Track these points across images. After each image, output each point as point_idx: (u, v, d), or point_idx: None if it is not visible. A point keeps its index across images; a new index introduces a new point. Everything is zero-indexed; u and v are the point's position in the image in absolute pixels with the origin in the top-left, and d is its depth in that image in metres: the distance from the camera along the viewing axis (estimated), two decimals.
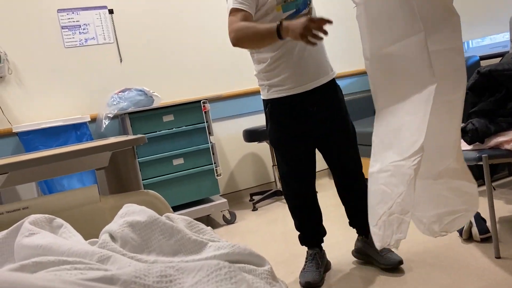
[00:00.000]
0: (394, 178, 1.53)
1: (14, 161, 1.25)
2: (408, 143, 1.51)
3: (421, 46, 1.48)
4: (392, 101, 1.64)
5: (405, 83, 1.57)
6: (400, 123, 1.59)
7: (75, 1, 3.32)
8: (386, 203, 1.53)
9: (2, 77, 3.14)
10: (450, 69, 1.55)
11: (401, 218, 1.48)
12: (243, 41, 1.79)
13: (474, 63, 3.15)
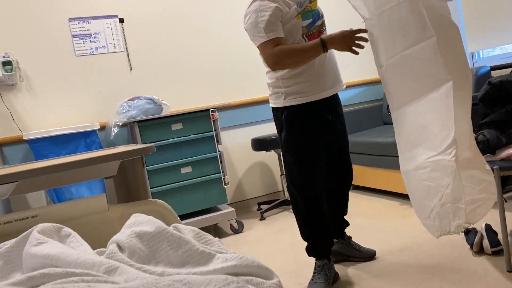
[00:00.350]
0: (436, 172, 1.65)
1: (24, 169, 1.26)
2: (440, 138, 1.65)
3: (434, 49, 1.63)
4: (410, 101, 1.77)
5: (421, 83, 1.70)
6: (425, 120, 1.71)
7: (86, 10, 3.36)
8: (435, 195, 1.66)
9: (14, 85, 3.18)
10: (456, 68, 1.66)
11: (455, 206, 1.62)
12: (286, 62, 1.92)
13: (485, 73, 3.13)
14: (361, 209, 3.26)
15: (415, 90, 1.74)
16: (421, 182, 1.73)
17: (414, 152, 1.77)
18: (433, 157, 1.67)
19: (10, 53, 3.15)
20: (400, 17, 1.72)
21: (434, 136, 1.68)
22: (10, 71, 3.11)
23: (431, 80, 1.68)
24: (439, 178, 1.66)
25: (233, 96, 3.77)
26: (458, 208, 1.63)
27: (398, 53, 1.75)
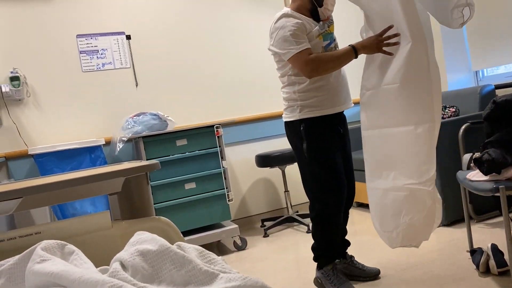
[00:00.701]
0: (413, 198, 1.95)
1: (29, 185, 1.27)
2: (421, 170, 1.94)
3: (427, 92, 1.94)
4: (388, 127, 2.03)
5: (405, 116, 1.95)
6: (404, 149, 1.98)
7: (94, 27, 3.41)
8: (406, 215, 1.96)
9: (21, 100, 3.21)
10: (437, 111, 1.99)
11: (424, 227, 1.97)
12: (322, 68, 2.03)
13: (489, 91, 3.14)
14: (365, 227, 3.23)
15: (397, 120, 1.98)
16: (394, 202, 2.01)
17: (387, 174, 2.04)
18: (411, 185, 1.96)
19: (18, 69, 3.19)
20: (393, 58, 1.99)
21: (414, 167, 1.96)
22: (18, 86, 3.14)
23: (415, 117, 1.93)
24: (414, 203, 1.96)
25: (238, 112, 3.79)
26: (425, 230, 2.01)
27: (390, 84, 1.99)
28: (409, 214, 1.98)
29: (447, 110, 3.14)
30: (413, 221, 1.98)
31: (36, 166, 3.04)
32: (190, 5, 3.67)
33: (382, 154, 2.08)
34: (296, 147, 2.21)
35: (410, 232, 2.01)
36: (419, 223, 1.99)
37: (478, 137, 2.88)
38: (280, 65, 2.16)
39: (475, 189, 2.10)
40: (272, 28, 2.10)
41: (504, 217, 2.01)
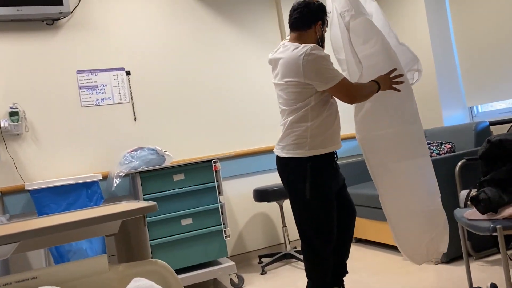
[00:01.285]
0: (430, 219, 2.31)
1: (25, 229, 1.26)
2: (430, 195, 2.32)
3: (419, 136, 2.30)
4: (392, 163, 2.31)
5: (405, 152, 2.29)
6: (412, 179, 2.30)
7: (94, 63, 3.46)
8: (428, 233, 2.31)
9: (19, 135, 3.22)
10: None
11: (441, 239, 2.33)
12: (362, 95, 2.14)
13: (484, 128, 3.18)
14: (364, 264, 3.20)
15: (401, 155, 2.30)
16: (415, 225, 2.32)
17: (403, 203, 2.33)
18: (427, 208, 2.31)
19: (18, 104, 3.22)
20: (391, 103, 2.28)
21: (424, 193, 2.32)
22: (17, 121, 3.16)
23: (415, 152, 2.29)
24: (432, 223, 2.33)
25: (235, 146, 3.81)
26: (444, 240, 2.35)
27: (388, 128, 2.29)
28: (430, 232, 2.32)
29: (443, 146, 3.17)
30: (433, 236, 2.31)
31: (32, 201, 3.02)
32: (188, 42, 3.75)
33: (396, 187, 2.34)
34: (293, 185, 2.17)
35: (432, 247, 2.33)
36: (437, 237, 2.33)
37: (474, 173, 2.89)
38: (300, 99, 2.10)
39: (473, 228, 2.10)
40: (300, 60, 2.04)
41: (502, 257, 2.00)
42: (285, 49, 2.16)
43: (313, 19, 2.18)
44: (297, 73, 2.06)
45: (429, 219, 2.31)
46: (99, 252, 3.07)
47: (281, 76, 2.14)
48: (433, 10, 3.84)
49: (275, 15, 4.06)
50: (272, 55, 2.27)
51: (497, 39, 3.46)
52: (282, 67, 2.12)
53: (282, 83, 2.13)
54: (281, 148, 2.19)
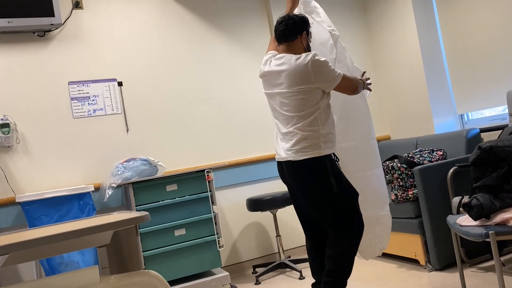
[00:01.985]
0: (380, 223, 2.60)
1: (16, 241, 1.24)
2: (380, 203, 2.59)
3: (374, 148, 2.63)
4: (354, 173, 2.55)
5: (364, 163, 2.58)
6: (368, 188, 2.56)
7: (86, 74, 3.45)
8: (377, 235, 2.60)
9: (10, 147, 3.20)
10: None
11: (385, 240, 2.62)
12: (359, 89, 2.39)
13: (474, 135, 3.21)
14: (359, 272, 3.19)
15: (361, 166, 2.58)
16: (369, 227, 2.52)
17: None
18: (378, 213, 2.58)
19: (9, 116, 3.20)
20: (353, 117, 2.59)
21: (376, 200, 2.58)
22: (7, 133, 3.14)
23: (372, 163, 2.60)
24: (381, 226, 2.59)
25: (228, 156, 3.81)
26: (386, 240, 2.61)
27: (352, 141, 2.57)
28: (377, 234, 2.58)
29: (435, 153, 3.19)
30: (381, 238, 2.59)
31: (23, 214, 2.99)
32: (180, 52, 3.76)
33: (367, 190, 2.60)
34: (317, 183, 2.21)
35: (378, 246, 2.60)
36: (382, 238, 2.60)
37: (466, 180, 2.91)
38: (310, 104, 2.22)
39: (466, 234, 2.11)
40: (309, 67, 2.18)
41: (495, 263, 2.01)
42: (285, 61, 2.26)
43: (298, 30, 2.34)
44: (308, 80, 2.20)
45: (379, 223, 2.58)
46: (91, 264, 3.04)
47: (287, 85, 2.24)
48: (423, 19, 3.90)
49: (266, 26, 4.09)
50: (268, 67, 2.34)
51: (486, 47, 3.51)
52: (288, 77, 2.23)
53: (290, 91, 2.23)
54: (295, 152, 2.23)
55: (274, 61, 2.32)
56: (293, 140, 2.24)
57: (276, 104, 2.32)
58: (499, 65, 3.43)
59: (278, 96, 2.30)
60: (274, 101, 2.33)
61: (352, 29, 4.35)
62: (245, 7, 4.02)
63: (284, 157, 2.27)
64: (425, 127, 3.91)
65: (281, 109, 2.29)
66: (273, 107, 2.35)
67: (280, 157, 2.32)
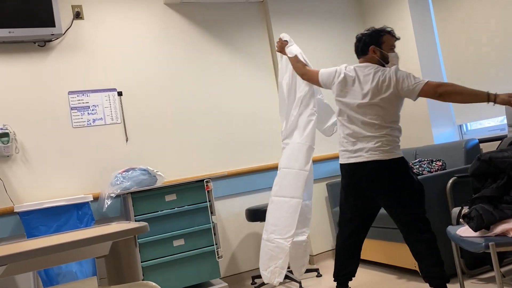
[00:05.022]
0: (277, 249, 2.86)
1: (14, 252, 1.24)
2: (285, 230, 2.85)
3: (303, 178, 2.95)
4: (276, 196, 3.00)
5: (285, 191, 2.95)
6: (282, 213, 2.90)
7: (86, 84, 3.46)
8: (273, 260, 2.86)
9: (9, 156, 3.19)
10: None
11: (281, 271, 2.83)
12: (452, 94, 2.40)
13: (473, 145, 3.21)
14: (358, 283, 3.17)
15: (282, 192, 2.95)
16: (268, 250, 2.90)
17: (269, 229, 2.94)
18: (278, 239, 2.86)
19: (8, 125, 3.20)
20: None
21: (283, 227, 2.86)
22: (7, 143, 3.14)
23: (291, 192, 2.90)
24: (277, 252, 2.85)
25: (227, 166, 3.80)
26: (281, 272, 2.83)
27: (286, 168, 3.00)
28: (275, 260, 2.85)
29: (434, 164, 3.19)
30: (276, 265, 2.83)
31: (22, 224, 2.97)
32: (180, 62, 3.78)
33: (271, 215, 2.96)
34: (402, 179, 2.48)
35: (274, 273, 2.84)
36: (279, 267, 2.82)
37: (465, 190, 2.91)
38: (396, 111, 2.51)
39: (466, 245, 2.10)
40: (390, 77, 2.46)
41: (496, 274, 2.00)
42: (374, 71, 2.52)
43: (368, 45, 2.60)
44: (387, 90, 2.48)
45: (276, 249, 2.87)
46: (89, 274, 3.02)
47: (377, 94, 2.47)
48: (421, 29, 3.92)
49: (266, 36, 4.11)
50: (355, 74, 2.59)
51: (484, 58, 3.53)
52: (379, 86, 2.47)
53: (379, 101, 2.47)
54: (381, 152, 2.46)
55: (362, 71, 2.59)
56: (379, 143, 2.48)
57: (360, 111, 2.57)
58: (498, 76, 3.45)
59: (363, 106, 2.56)
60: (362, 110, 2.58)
61: (351, 40, 4.37)
62: (244, 18, 4.05)
63: (369, 156, 2.48)
64: (424, 138, 3.91)
65: (365, 117, 2.53)
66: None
67: (358, 158, 2.52)
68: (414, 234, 2.50)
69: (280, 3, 4.12)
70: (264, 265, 2.90)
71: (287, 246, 2.80)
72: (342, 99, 2.59)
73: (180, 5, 3.83)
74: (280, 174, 2.99)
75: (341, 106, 2.60)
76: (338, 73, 2.65)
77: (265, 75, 4.06)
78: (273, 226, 2.89)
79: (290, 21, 4.13)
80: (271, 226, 2.91)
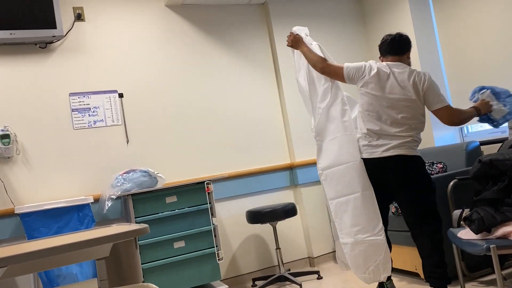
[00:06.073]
0: (372, 247, 2.59)
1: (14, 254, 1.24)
2: (372, 225, 2.58)
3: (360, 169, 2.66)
4: (344, 195, 2.67)
5: (352, 187, 2.63)
6: (359, 211, 2.61)
7: (87, 86, 3.47)
8: (371, 259, 2.61)
9: (10, 158, 3.20)
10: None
11: (385, 265, 2.59)
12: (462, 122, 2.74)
13: (474, 148, 3.21)
14: (359, 286, 3.17)
15: (349, 189, 2.64)
16: (361, 252, 2.62)
17: (351, 231, 2.64)
18: (369, 237, 2.59)
19: (9, 126, 3.20)
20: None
21: (367, 223, 2.58)
22: (8, 144, 3.14)
23: (359, 186, 2.61)
24: (374, 251, 2.59)
25: (228, 168, 3.80)
26: (386, 267, 2.59)
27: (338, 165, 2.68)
28: (373, 258, 2.61)
29: (435, 166, 3.19)
30: (377, 262, 2.60)
31: (22, 225, 2.97)
32: (181, 64, 3.78)
33: (346, 217, 2.67)
34: (422, 175, 2.58)
35: (377, 271, 2.61)
36: (381, 263, 2.59)
37: (466, 193, 2.90)
38: (420, 110, 2.61)
39: (467, 248, 2.10)
40: (424, 80, 2.57)
41: (497, 276, 1.99)
42: (409, 70, 2.59)
43: (408, 47, 2.74)
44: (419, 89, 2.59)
45: (371, 248, 2.60)
46: (89, 276, 3.01)
47: (413, 92, 2.56)
48: (422, 32, 3.92)
49: (267, 38, 4.11)
50: (392, 70, 2.61)
51: (486, 59, 3.53)
52: (415, 85, 2.56)
53: (414, 99, 2.56)
54: (406, 148, 2.54)
55: (399, 69, 2.63)
56: (405, 139, 2.55)
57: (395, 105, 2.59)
58: (499, 78, 3.45)
59: (398, 101, 2.59)
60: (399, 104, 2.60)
61: (352, 42, 4.38)
62: (245, 20, 4.05)
63: (392, 152, 2.54)
64: (425, 140, 3.91)
65: (398, 114, 2.57)
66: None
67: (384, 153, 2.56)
68: (424, 230, 2.53)
69: (281, 5, 4.12)
70: (361, 269, 2.64)
71: (382, 240, 2.55)
72: (376, 93, 2.55)
73: (181, 7, 3.84)
74: (337, 172, 2.67)
75: (373, 100, 2.56)
76: (369, 67, 2.62)
77: (266, 77, 4.06)
78: (355, 227, 2.60)
79: (291, 23, 4.14)
80: (351, 227, 2.62)
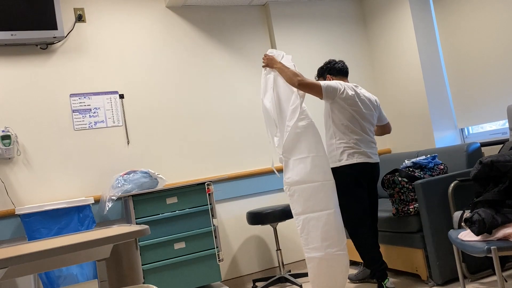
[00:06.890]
0: (339, 260, 2.81)
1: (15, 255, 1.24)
2: (340, 240, 2.80)
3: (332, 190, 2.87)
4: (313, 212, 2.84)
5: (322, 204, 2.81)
6: (327, 226, 2.82)
7: (87, 87, 3.47)
8: (336, 273, 2.83)
9: (10, 159, 3.20)
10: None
11: (345, 277, 2.84)
12: None
13: (475, 149, 3.20)
14: (359, 286, 3.16)
15: (319, 206, 2.80)
16: (328, 267, 2.78)
17: (320, 245, 2.78)
18: (337, 252, 2.77)
19: (10, 127, 3.21)
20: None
21: (337, 239, 2.77)
22: (8, 145, 3.14)
23: (330, 204, 2.80)
24: (340, 264, 2.78)
25: (228, 169, 3.80)
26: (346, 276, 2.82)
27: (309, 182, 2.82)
28: (338, 271, 2.79)
29: (436, 168, 3.18)
30: (342, 274, 2.81)
31: (23, 226, 2.97)
32: (182, 66, 3.79)
33: (315, 232, 2.80)
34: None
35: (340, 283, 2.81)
36: (343, 275, 2.80)
37: (467, 194, 2.90)
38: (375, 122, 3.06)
39: (468, 249, 2.10)
40: (376, 100, 3.09)
41: (498, 278, 1.99)
42: (364, 90, 3.04)
43: None
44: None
45: (339, 261, 2.80)
46: (90, 277, 3.01)
47: (375, 108, 3.03)
48: (423, 33, 3.92)
49: (267, 39, 4.12)
50: (359, 91, 2.98)
51: (486, 61, 3.53)
52: (371, 102, 3.01)
53: (375, 114, 3.03)
54: (377, 156, 2.99)
55: (361, 89, 3.01)
56: (375, 146, 3.00)
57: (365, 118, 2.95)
58: (499, 79, 3.45)
59: (367, 116, 2.95)
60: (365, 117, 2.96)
61: (353, 43, 4.38)
62: (246, 21, 4.05)
63: (374, 158, 2.95)
64: (426, 141, 3.91)
65: (369, 124, 2.96)
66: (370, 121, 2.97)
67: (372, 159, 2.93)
68: (376, 224, 3.07)
69: (282, 6, 4.13)
70: (324, 284, 2.82)
71: (346, 254, 2.81)
72: (357, 108, 2.90)
73: (182, 8, 3.84)
74: (308, 189, 2.81)
75: (355, 114, 2.90)
76: (347, 86, 2.92)
77: None
78: (325, 241, 2.76)
79: (291, 24, 4.14)
80: (322, 242, 2.77)
